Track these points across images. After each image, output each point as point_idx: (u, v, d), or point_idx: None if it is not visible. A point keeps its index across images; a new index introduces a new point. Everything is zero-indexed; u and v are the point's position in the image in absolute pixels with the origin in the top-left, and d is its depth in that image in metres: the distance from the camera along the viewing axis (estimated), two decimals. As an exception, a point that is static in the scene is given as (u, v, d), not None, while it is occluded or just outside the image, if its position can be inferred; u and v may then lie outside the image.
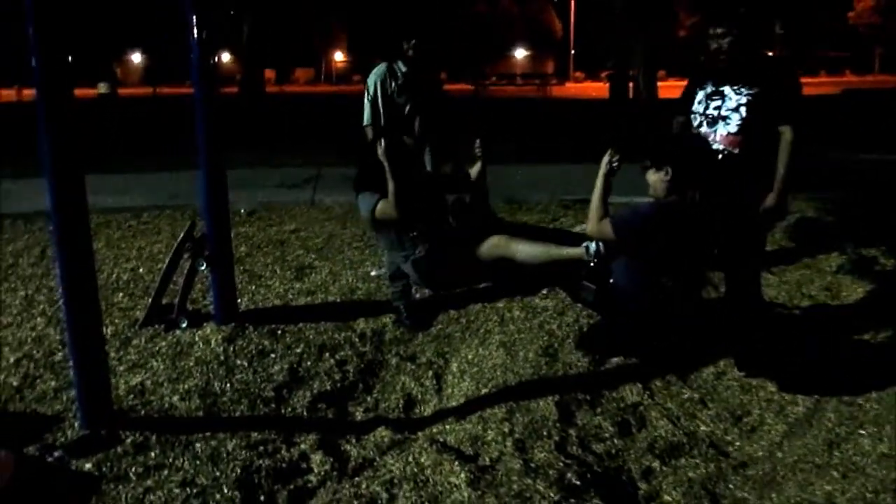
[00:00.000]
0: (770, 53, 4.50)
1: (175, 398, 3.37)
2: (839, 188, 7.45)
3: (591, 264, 3.18)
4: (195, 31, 3.88)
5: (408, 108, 4.61)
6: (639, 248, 3.14)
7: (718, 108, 3.62)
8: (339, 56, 59.15)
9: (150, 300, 4.24)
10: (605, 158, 3.25)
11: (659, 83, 20.33)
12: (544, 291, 4.46)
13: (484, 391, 3.44)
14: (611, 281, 3.19)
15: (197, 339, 3.96)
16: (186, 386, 3.47)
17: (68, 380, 3.42)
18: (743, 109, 3.55)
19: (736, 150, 3.58)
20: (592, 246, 3.18)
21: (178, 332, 4.05)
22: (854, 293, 4.60)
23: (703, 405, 3.34)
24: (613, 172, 3.25)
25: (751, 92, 3.54)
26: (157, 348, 3.89)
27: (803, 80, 3.98)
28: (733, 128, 3.58)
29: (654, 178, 3.23)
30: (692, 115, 3.77)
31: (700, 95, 3.72)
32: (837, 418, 3.15)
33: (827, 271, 4.98)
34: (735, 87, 3.58)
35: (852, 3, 48.84)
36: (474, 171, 3.97)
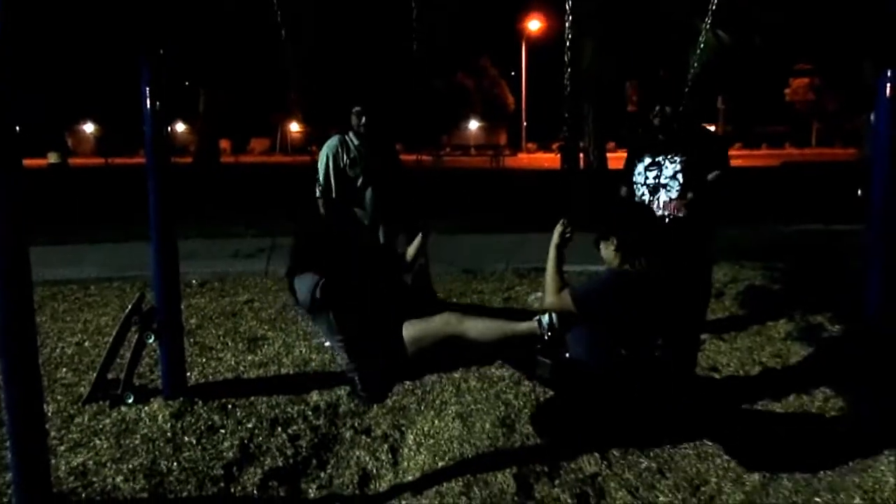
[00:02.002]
0: (706, 126, 4.81)
1: (119, 479, 3.23)
2: (784, 258, 7.67)
3: (546, 338, 3.09)
4: (148, 101, 3.88)
5: (360, 180, 4.65)
6: (599, 317, 3.11)
7: (657, 177, 3.93)
8: (294, 127, 59.62)
9: (94, 375, 4.10)
10: (557, 229, 3.28)
11: (609, 154, 20.91)
12: (499, 361, 4.43)
13: (441, 464, 3.38)
14: (566, 354, 3.14)
15: (143, 415, 3.82)
16: (131, 465, 3.32)
17: (4, 461, 3.24)
18: (680, 175, 3.85)
19: (680, 214, 3.87)
20: (545, 319, 3.09)
21: (123, 408, 3.91)
22: (803, 359, 4.69)
23: (661, 475, 3.31)
24: (566, 243, 3.28)
25: (683, 159, 3.84)
26: (100, 426, 3.74)
27: (745, 152, 4.31)
28: (674, 193, 3.88)
29: (606, 251, 3.25)
30: (634, 186, 4.05)
31: (639, 167, 4.04)
32: (793, 486, 3.16)
33: (776, 338, 5.08)
34: (669, 157, 3.89)
35: (788, 80, 51.36)
36: (412, 249, 3.91)
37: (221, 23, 23.53)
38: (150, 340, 4.07)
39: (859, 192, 3.80)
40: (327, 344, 4.96)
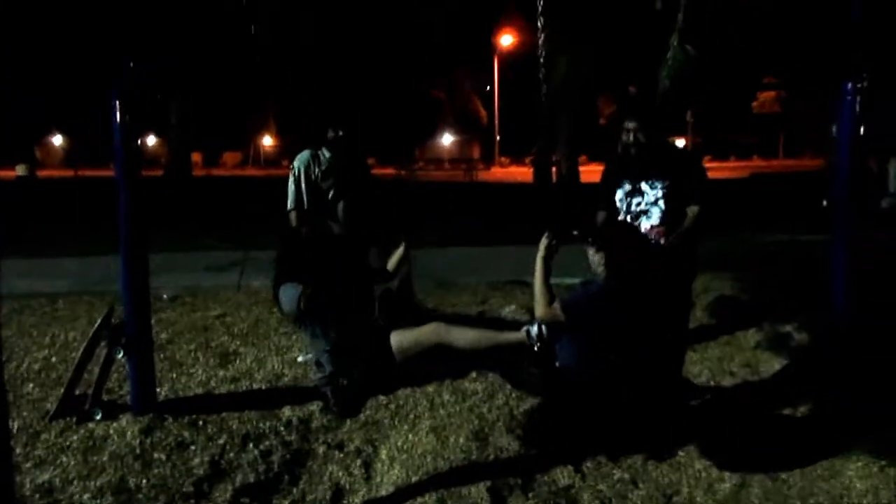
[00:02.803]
0: (679, 142, 4.87)
1: (86, 496, 3.18)
2: (753, 268, 7.78)
3: (535, 348, 3.14)
4: (119, 114, 3.85)
5: (331, 193, 4.65)
6: (588, 327, 3.14)
7: (639, 203, 3.91)
8: (267, 140, 59.31)
9: (62, 391, 4.03)
10: (543, 241, 3.27)
11: (581, 167, 21.11)
12: (473, 374, 4.44)
13: (414, 479, 3.37)
14: (556, 364, 3.16)
15: (112, 431, 3.76)
16: (99, 482, 3.27)
17: (-33, 480, 3.17)
18: (661, 202, 3.84)
19: (661, 240, 3.88)
20: (534, 329, 3.15)
21: (91, 424, 3.84)
22: (772, 368, 4.75)
23: (634, 485, 3.33)
24: (552, 255, 3.28)
25: (665, 185, 3.82)
26: (67, 442, 3.67)
27: (714, 164, 4.35)
28: (655, 220, 3.90)
29: (595, 256, 3.28)
30: (617, 212, 4.03)
31: (620, 194, 4.04)
32: (764, 493, 3.20)
33: (746, 347, 5.14)
34: (650, 182, 3.88)
35: (755, 94, 52.21)
36: (395, 258, 3.94)
37: (196, 35, 23.42)
38: (120, 355, 4.01)
39: (825, 202, 3.88)
40: (300, 359, 4.93)
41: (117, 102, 3.84)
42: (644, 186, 3.91)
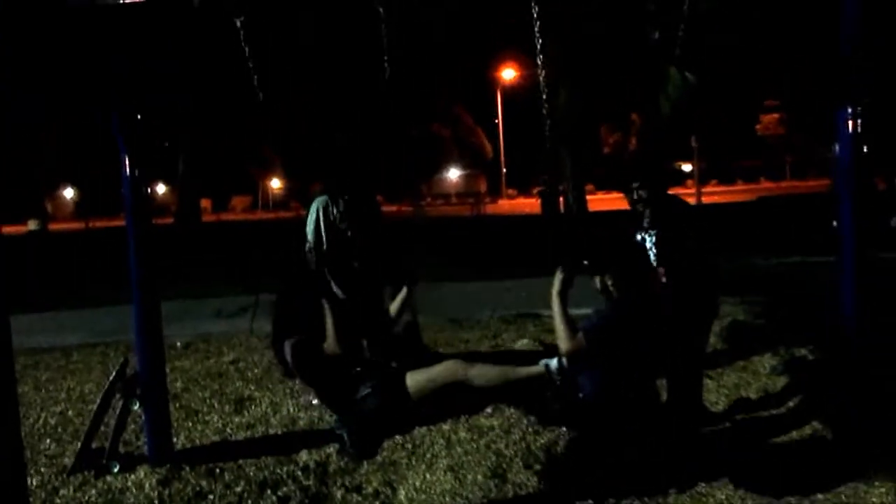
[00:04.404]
0: (685, 167, 5.04)
1: (105, 551, 3.16)
2: (765, 291, 7.74)
3: (557, 383, 3.13)
4: (128, 167, 3.92)
5: (349, 233, 4.71)
6: (610, 353, 3.12)
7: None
8: (275, 183, 59.78)
9: (79, 445, 4.04)
10: (557, 276, 3.27)
11: (588, 196, 21.17)
12: (489, 410, 4.42)
13: (433, 519, 3.34)
14: (580, 395, 3.14)
15: (130, 483, 3.76)
16: (118, 536, 3.26)
17: (-13, 539, 3.17)
18: (654, 248, 4.06)
19: (663, 279, 4.01)
20: (554, 363, 3.13)
21: (109, 477, 3.84)
22: (789, 393, 4.70)
23: (656, 518, 3.29)
24: (567, 289, 3.26)
25: (659, 233, 4.08)
26: (86, 497, 3.67)
27: (721, 188, 4.47)
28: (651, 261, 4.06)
29: (597, 281, 3.29)
30: None
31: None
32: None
33: (762, 373, 5.10)
34: (648, 231, 4.13)
35: (758, 116, 52.38)
36: (397, 303, 3.91)
37: (200, 84, 23.79)
38: (136, 407, 4.02)
39: (834, 223, 3.87)
40: (315, 402, 4.92)
41: (125, 158, 3.91)
42: (644, 234, 4.14)
